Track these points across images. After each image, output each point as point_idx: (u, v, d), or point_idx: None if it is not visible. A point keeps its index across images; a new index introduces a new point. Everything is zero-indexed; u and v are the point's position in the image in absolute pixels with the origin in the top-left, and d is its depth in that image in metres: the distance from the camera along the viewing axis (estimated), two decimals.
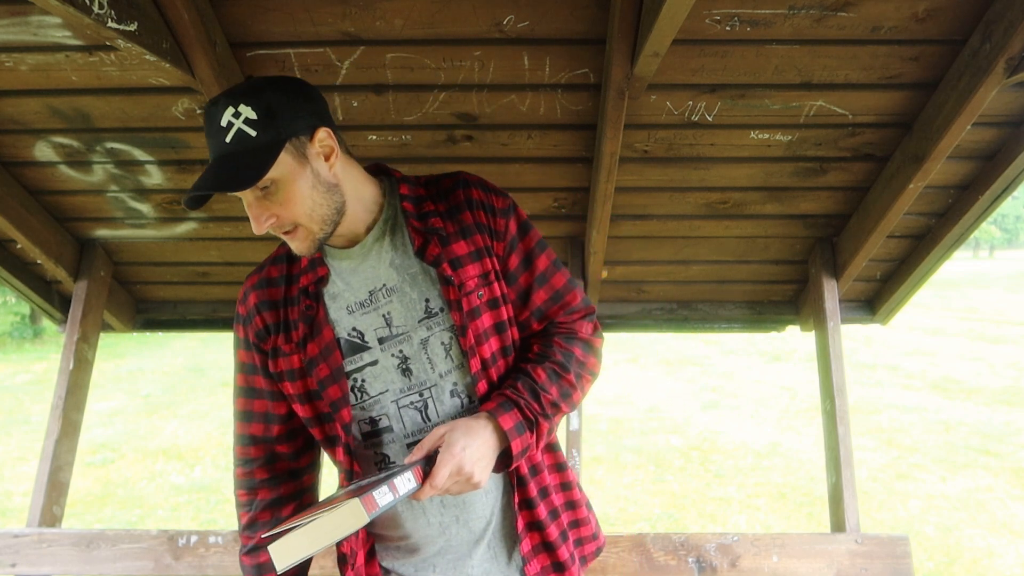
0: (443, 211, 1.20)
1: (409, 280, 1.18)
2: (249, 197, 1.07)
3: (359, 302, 1.18)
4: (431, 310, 1.17)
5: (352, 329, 1.18)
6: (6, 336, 14.17)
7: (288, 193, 1.06)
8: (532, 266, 1.23)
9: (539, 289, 1.24)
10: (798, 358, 10.64)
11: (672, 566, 2.15)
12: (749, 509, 5.12)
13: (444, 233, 1.18)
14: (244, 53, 1.84)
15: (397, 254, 1.19)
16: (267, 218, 1.08)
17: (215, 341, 13.00)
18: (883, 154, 2.12)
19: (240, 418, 1.28)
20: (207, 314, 2.88)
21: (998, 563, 4.17)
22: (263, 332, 1.21)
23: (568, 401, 1.21)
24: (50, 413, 2.40)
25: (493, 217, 1.21)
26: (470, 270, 1.17)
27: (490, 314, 1.19)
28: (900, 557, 2.13)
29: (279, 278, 1.22)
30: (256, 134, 1.03)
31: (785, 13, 1.71)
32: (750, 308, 2.81)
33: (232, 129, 1.03)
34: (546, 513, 1.22)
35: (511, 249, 1.22)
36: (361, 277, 1.19)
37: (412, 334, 1.17)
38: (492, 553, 1.23)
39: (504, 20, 1.76)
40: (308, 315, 1.17)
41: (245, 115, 1.03)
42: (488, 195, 1.22)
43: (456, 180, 1.23)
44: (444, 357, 1.18)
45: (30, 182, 2.26)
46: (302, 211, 1.08)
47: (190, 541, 2.21)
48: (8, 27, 1.72)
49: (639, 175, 2.20)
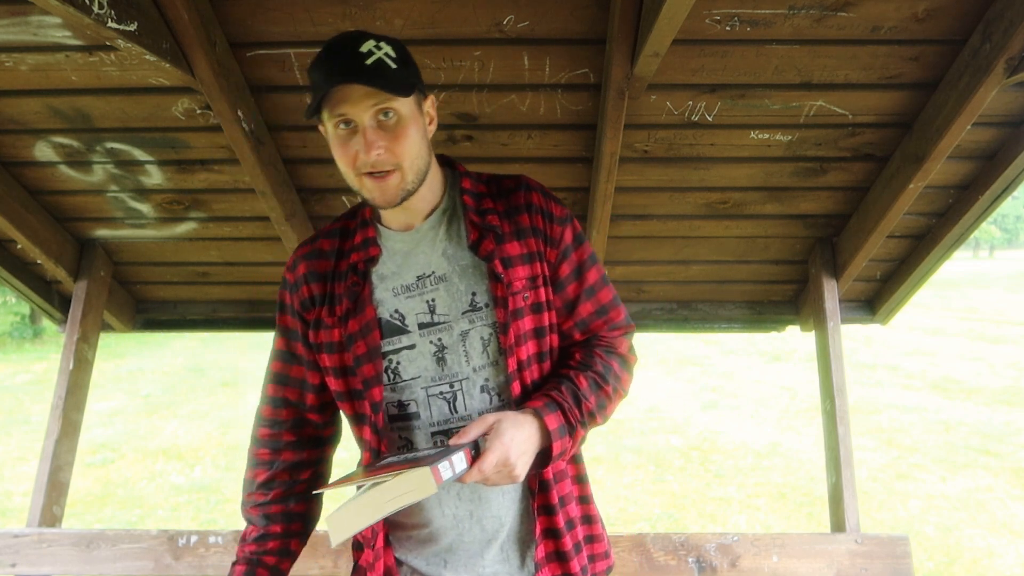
0: (501, 210, 1.22)
1: (459, 271, 1.19)
2: (367, 122, 1.09)
3: (406, 285, 1.20)
4: (476, 304, 1.18)
5: (395, 311, 1.19)
6: (6, 336, 14.17)
7: (404, 131, 1.10)
8: (582, 277, 1.25)
9: (586, 301, 1.26)
10: (798, 358, 10.64)
11: (672, 566, 2.15)
12: (749, 509, 5.12)
13: (500, 231, 1.19)
14: (244, 53, 1.84)
15: (451, 244, 1.21)
16: (377, 148, 1.09)
17: (215, 341, 13.01)
18: (883, 154, 2.12)
19: (275, 380, 1.30)
20: (207, 314, 2.88)
21: (998, 563, 4.17)
22: (308, 302, 1.24)
23: (602, 413, 1.22)
24: (50, 413, 2.40)
25: (550, 224, 1.22)
26: (520, 271, 1.19)
27: (532, 317, 1.20)
28: (900, 557, 2.13)
29: (330, 251, 1.24)
30: (396, 68, 1.09)
31: (785, 13, 1.71)
32: (750, 308, 2.80)
33: (374, 56, 1.07)
34: (563, 522, 1.22)
35: (563, 257, 1.24)
36: (412, 261, 1.21)
37: (453, 324, 1.18)
38: (505, 555, 1.23)
39: (504, 20, 1.76)
40: (354, 291, 1.19)
41: (386, 51, 1.09)
42: (548, 202, 1.24)
43: (518, 182, 1.25)
44: (481, 352, 1.19)
45: (30, 182, 2.26)
46: (408, 153, 1.11)
47: (190, 541, 2.21)
48: (8, 27, 1.73)
49: (639, 175, 2.20)
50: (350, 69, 1.07)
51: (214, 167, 2.19)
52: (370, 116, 1.09)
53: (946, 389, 8.77)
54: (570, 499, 1.26)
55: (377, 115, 1.09)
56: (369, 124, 1.09)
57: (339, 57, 1.08)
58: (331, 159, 2.24)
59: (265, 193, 2.11)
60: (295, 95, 1.96)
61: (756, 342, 12.00)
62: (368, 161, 1.10)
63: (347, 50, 1.08)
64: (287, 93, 1.96)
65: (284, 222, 2.23)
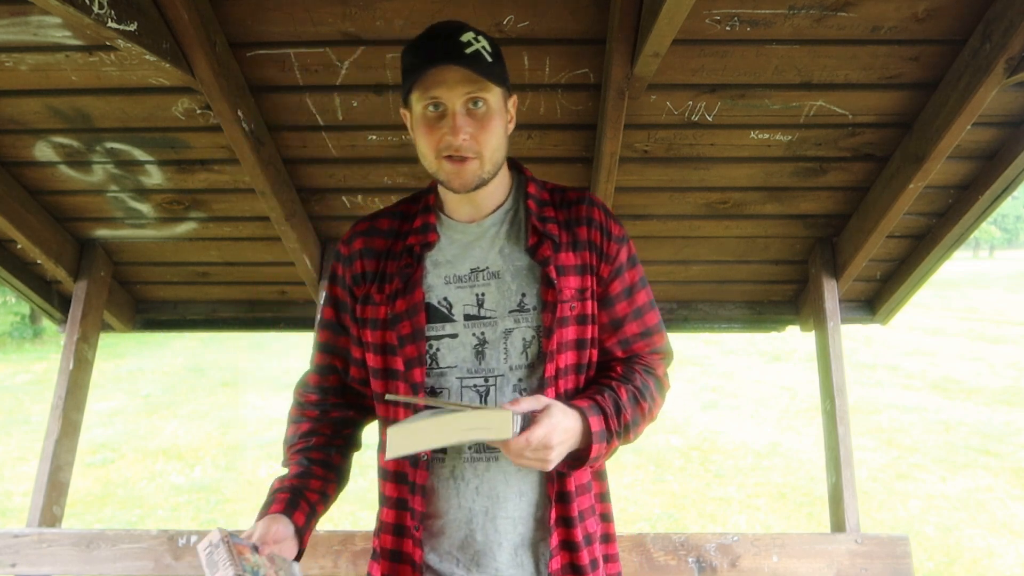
0: (561, 220, 1.25)
1: (512, 271, 1.22)
2: (460, 107, 1.13)
3: (458, 276, 1.22)
4: (524, 305, 1.20)
5: (443, 298, 1.21)
6: (6, 336, 14.17)
7: (491, 121, 1.15)
8: (632, 297, 1.27)
9: (632, 321, 1.28)
10: (798, 358, 10.64)
11: (672, 566, 2.15)
12: (749, 509, 5.12)
13: (558, 240, 1.22)
14: (244, 53, 1.84)
15: (509, 244, 1.24)
16: (464, 133, 1.13)
17: (215, 341, 13.01)
18: (883, 154, 2.12)
19: (322, 349, 1.32)
20: (207, 314, 2.88)
21: (998, 563, 4.17)
22: (360, 277, 1.26)
23: (635, 430, 1.23)
24: (50, 413, 2.40)
25: (608, 241, 1.25)
26: (571, 281, 1.21)
27: (576, 328, 1.22)
28: (900, 557, 2.13)
29: (388, 231, 1.27)
30: (492, 61, 1.14)
31: (785, 13, 1.71)
32: (750, 308, 2.80)
33: (473, 47, 1.12)
34: (581, 536, 1.22)
35: (616, 275, 1.26)
36: (469, 254, 1.23)
37: (499, 321, 1.20)
38: (519, 561, 1.22)
39: (504, 20, 1.76)
40: (406, 272, 1.22)
41: (483, 44, 1.13)
42: (608, 219, 1.27)
43: (582, 196, 1.29)
44: (520, 352, 1.20)
45: (30, 182, 2.26)
46: (491, 143, 1.16)
47: (190, 541, 2.21)
48: (8, 27, 1.73)
49: (639, 175, 2.20)
50: (449, 53, 1.11)
51: (214, 167, 2.19)
52: (461, 102, 1.13)
53: (946, 389, 8.77)
54: (590, 514, 1.26)
55: (468, 103, 1.13)
56: (460, 110, 1.13)
57: (438, 41, 1.13)
58: (331, 159, 2.25)
59: (265, 193, 2.11)
60: (295, 95, 1.96)
61: (756, 342, 11.99)
62: (453, 144, 1.13)
63: (447, 37, 1.12)
64: (287, 93, 1.96)
65: (284, 222, 2.23)
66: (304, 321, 2.82)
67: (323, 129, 2.07)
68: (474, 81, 1.12)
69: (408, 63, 1.15)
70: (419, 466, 1.20)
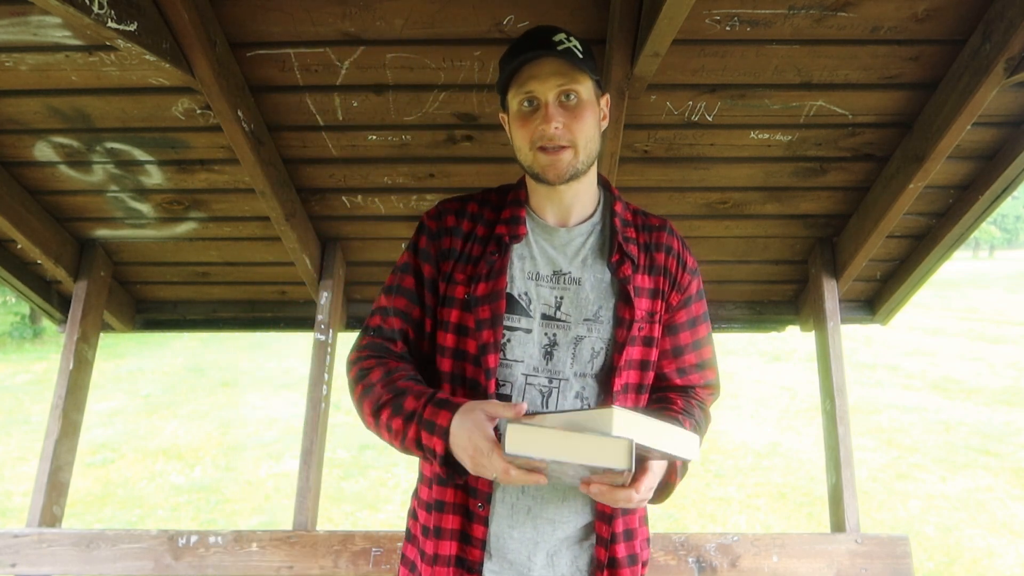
0: (642, 243, 1.29)
1: (594, 282, 1.24)
2: (553, 98, 1.16)
3: (542, 275, 1.25)
4: (599, 317, 1.23)
5: (524, 293, 1.23)
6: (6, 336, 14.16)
7: (583, 113, 1.18)
8: (695, 328, 1.32)
9: (692, 352, 1.32)
10: (798, 358, 10.64)
11: (672, 566, 2.15)
12: (749, 509, 5.12)
13: (636, 261, 1.26)
14: (244, 53, 1.84)
15: (592, 255, 1.26)
16: (556, 122, 1.16)
17: (215, 341, 13.01)
18: (883, 154, 2.12)
19: (399, 293, 1.27)
20: (207, 314, 2.88)
21: (998, 563, 4.17)
22: (447, 252, 1.26)
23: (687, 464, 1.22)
24: (50, 413, 2.40)
25: (682, 271, 1.30)
26: (643, 303, 1.25)
27: (641, 349, 1.25)
28: (900, 557, 2.14)
29: (476, 214, 1.29)
30: (583, 58, 1.17)
31: (785, 13, 1.71)
32: (750, 308, 2.80)
33: (564, 45, 1.16)
34: (624, 555, 1.25)
35: (684, 305, 1.31)
36: (554, 256, 1.26)
37: (572, 327, 1.23)
38: (551, 563, 1.23)
39: (504, 20, 1.76)
40: (492, 259, 1.23)
41: (575, 43, 1.17)
42: (684, 250, 1.33)
43: (664, 223, 1.34)
44: (587, 361, 1.22)
45: (30, 182, 2.26)
46: (584, 134, 1.18)
47: (190, 541, 2.21)
48: (8, 27, 1.72)
49: (639, 175, 2.20)
50: (542, 46, 1.15)
51: (214, 167, 2.19)
52: (554, 95, 1.16)
53: (946, 389, 8.77)
54: (635, 535, 1.28)
55: (560, 95, 1.16)
56: (552, 100, 1.16)
57: (531, 40, 1.17)
58: (331, 159, 2.25)
59: (265, 193, 2.11)
60: (295, 95, 1.96)
61: (756, 342, 12.00)
62: (546, 134, 1.16)
63: (539, 37, 1.17)
64: (287, 93, 1.96)
65: (284, 222, 2.23)
66: (304, 321, 2.82)
67: (323, 129, 2.07)
68: (565, 73, 1.15)
69: (504, 64, 1.20)
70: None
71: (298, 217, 2.30)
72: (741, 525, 4.84)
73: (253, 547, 2.20)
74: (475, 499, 1.21)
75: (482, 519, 1.21)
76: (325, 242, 2.53)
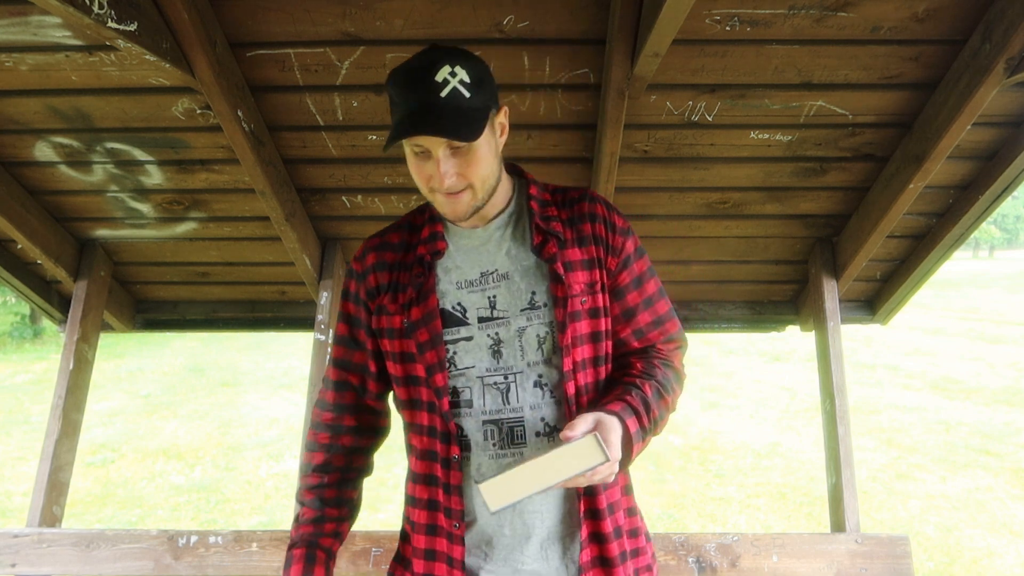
0: (565, 218, 1.27)
1: (521, 271, 1.24)
2: (442, 152, 1.12)
3: (469, 280, 1.25)
4: (535, 303, 1.22)
5: (457, 303, 1.24)
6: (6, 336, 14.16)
7: (477, 156, 1.14)
8: (642, 287, 1.30)
9: (644, 311, 1.30)
10: (798, 358, 10.64)
11: (672, 566, 2.15)
12: (749, 509, 5.12)
13: (563, 237, 1.24)
14: (244, 53, 1.84)
15: (515, 245, 1.26)
16: (451, 176, 1.13)
17: (215, 341, 13.01)
18: (883, 154, 2.12)
19: (338, 365, 1.35)
20: (207, 314, 2.88)
21: (998, 563, 4.17)
22: (374, 290, 1.29)
23: (660, 424, 1.24)
24: (50, 413, 2.40)
25: (612, 234, 1.27)
26: (580, 276, 1.23)
27: (588, 322, 1.23)
28: (900, 557, 2.13)
29: (398, 244, 1.30)
30: (470, 96, 1.10)
31: (785, 13, 1.71)
32: (750, 308, 2.80)
33: (449, 86, 1.09)
34: (611, 529, 1.24)
35: (624, 266, 1.28)
36: (477, 258, 1.26)
37: (511, 321, 1.23)
38: (544, 554, 1.24)
39: (504, 20, 1.76)
40: (418, 281, 1.24)
41: (461, 76, 1.10)
42: (611, 213, 1.29)
43: (583, 193, 1.31)
44: (536, 349, 1.22)
45: (30, 182, 2.26)
46: (480, 175, 1.16)
47: (190, 541, 2.21)
48: (8, 27, 1.72)
49: (639, 175, 2.20)
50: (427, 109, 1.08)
51: (214, 167, 2.19)
52: (443, 147, 1.12)
53: (946, 389, 8.77)
54: (618, 508, 1.28)
55: (451, 146, 1.13)
56: (443, 154, 1.12)
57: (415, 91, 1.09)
58: (331, 159, 2.25)
59: (265, 193, 2.11)
60: (295, 95, 1.96)
61: (756, 342, 12.00)
62: (443, 185, 1.14)
63: (423, 83, 1.09)
64: (287, 93, 1.96)
65: (284, 222, 2.23)
66: (304, 321, 2.82)
67: (323, 129, 2.07)
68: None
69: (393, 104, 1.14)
70: (451, 467, 1.22)
71: (298, 217, 2.30)
72: (741, 525, 4.85)
73: (253, 547, 2.20)
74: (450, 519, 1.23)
75: (458, 538, 1.22)
76: (325, 242, 2.53)
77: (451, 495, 1.22)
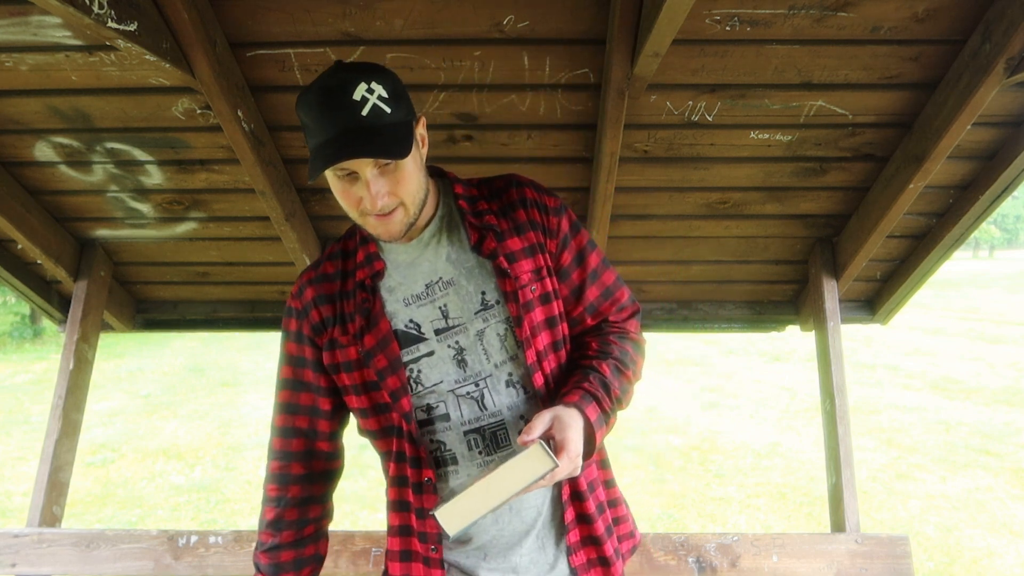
0: (496, 209, 1.24)
1: (465, 273, 1.21)
2: (370, 173, 1.08)
3: (416, 295, 1.21)
4: (487, 302, 1.20)
5: (409, 321, 1.21)
6: (6, 336, 14.16)
7: (406, 172, 1.11)
8: (584, 263, 1.27)
9: (591, 286, 1.28)
10: (798, 358, 10.64)
11: (672, 566, 2.15)
12: (749, 509, 5.12)
13: (499, 229, 1.21)
14: (244, 53, 1.84)
15: (453, 249, 1.23)
16: (382, 197, 1.10)
17: (215, 341, 13.01)
18: (883, 154, 2.12)
19: (284, 410, 1.29)
20: (207, 314, 2.88)
21: (998, 563, 4.17)
22: (319, 326, 1.24)
23: (626, 398, 1.24)
24: (50, 413, 2.40)
25: (546, 216, 1.25)
26: (524, 265, 1.21)
27: (542, 308, 1.22)
28: (900, 557, 2.13)
29: (335, 273, 1.25)
30: (390, 111, 1.07)
31: (785, 13, 1.71)
32: (750, 308, 2.80)
33: (368, 103, 1.05)
34: (594, 507, 1.25)
35: (563, 246, 1.26)
36: (418, 271, 1.22)
37: (468, 326, 1.20)
38: (540, 543, 1.24)
39: (504, 20, 1.76)
40: (364, 307, 1.20)
41: (378, 92, 1.06)
42: (541, 195, 1.26)
43: (508, 180, 1.27)
44: (499, 348, 1.20)
45: (30, 182, 2.26)
46: (410, 191, 1.12)
47: (190, 541, 2.21)
48: (8, 27, 1.72)
49: (639, 175, 2.20)
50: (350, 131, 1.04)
51: (214, 167, 2.19)
52: (371, 167, 1.08)
53: (946, 389, 8.77)
54: (597, 484, 1.28)
55: (378, 165, 1.09)
56: (372, 176, 1.08)
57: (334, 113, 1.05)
58: None
59: (265, 193, 2.11)
60: (295, 95, 1.95)
61: (756, 342, 12.00)
62: (374, 208, 1.10)
63: (341, 104, 1.04)
64: (287, 93, 1.96)
65: (284, 222, 2.23)
66: None
67: None
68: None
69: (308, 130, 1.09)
70: (424, 491, 1.20)
71: (298, 217, 2.30)
72: (741, 525, 4.85)
73: (253, 547, 2.20)
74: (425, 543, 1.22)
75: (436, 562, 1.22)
76: (325, 242, 2.52)
77: (425, 519, 1.20)
